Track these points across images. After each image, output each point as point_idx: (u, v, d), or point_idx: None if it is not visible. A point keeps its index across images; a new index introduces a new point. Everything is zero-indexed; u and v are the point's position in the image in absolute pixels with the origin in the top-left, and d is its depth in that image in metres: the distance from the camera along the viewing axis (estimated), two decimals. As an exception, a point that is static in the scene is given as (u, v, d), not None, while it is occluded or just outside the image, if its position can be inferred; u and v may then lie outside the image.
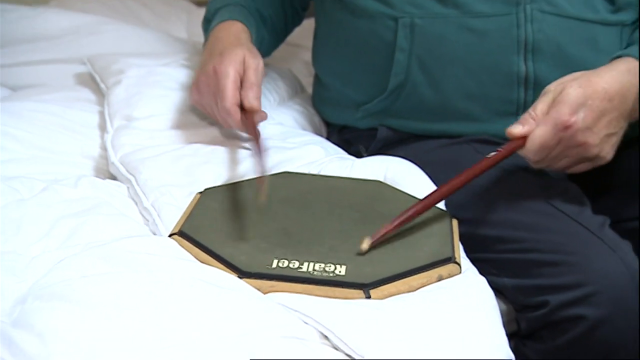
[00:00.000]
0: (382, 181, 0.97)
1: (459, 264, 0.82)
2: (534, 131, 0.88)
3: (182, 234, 0.83)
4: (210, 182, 0.96)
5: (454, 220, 0.90)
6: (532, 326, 0.88)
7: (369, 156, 1.04)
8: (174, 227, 0.86)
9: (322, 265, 0.78)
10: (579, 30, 1.02)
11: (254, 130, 0.96)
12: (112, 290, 0.73)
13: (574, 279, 0.85)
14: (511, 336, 0.81)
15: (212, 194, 0.92)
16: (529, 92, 1.02)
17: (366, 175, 0.98)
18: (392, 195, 0.94)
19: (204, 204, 0.89)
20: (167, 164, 0.99)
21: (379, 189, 0.95)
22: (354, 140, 1.14)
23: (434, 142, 1.06)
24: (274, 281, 0.77)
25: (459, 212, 0.92)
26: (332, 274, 0.77)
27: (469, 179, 0.88)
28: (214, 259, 0.80)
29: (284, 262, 0.79)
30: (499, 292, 0.88)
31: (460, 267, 0.82)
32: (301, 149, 1.04)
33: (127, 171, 1.00)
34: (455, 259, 0.82)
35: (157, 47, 1.37)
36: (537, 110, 0.90)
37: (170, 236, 0.84)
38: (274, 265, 0.78)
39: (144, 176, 0.97)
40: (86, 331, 0.69)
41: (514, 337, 0.91)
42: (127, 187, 0.99)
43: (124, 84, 1.17)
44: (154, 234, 0.89)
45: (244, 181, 0.96)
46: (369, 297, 0.75)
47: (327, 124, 1.23)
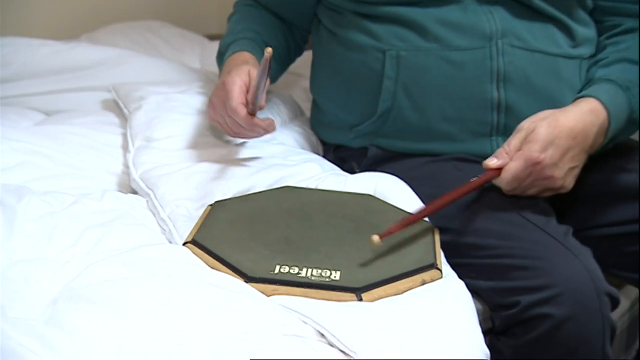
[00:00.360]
0: (373, 195, 0.97)
1: (440, 270, 0.82)
2: (508, 165, 0.91)
3: (195, 242, 0.83)
4: (219, 195, 0.96)
5: (436, 230, 0.90)
6: (505, 323, 0.88)
7: (360, 172, 1.04)
8: (188, 236, 0.86)
9: (319, 270, 0.78)
10: (544, 62, 1.03)
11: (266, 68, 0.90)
12: (132, 292, 0.73)
13: (542, 282, 0.84)
14: (486, 332, 0.81)
15: (221, 207, 0.92)
16: (501, 116, 1.02)
17: (358, 189, 0.98)
18: (382, 207, 0.93)
19: (214, 216, 0.89)
20: (182, 180, 0.99)
21: (369, 202, 0.94)
22: (347, 158, 1.14)
23: (418, 159, 1.05)
24: (276, 285, 0.77)
25: (441, 222, 0.92)
26: (327, 279, 0.77)
27: (453, 199, 0.89)
28: (223, 265, 0.80)
29: (285, 268, 0.78)
30: (476, 293, 0.87)
31: (441, 272, 0.82)
32: (300, 166, 1.04)
33: (147, 186, 1.00)
34: (437, 265, 0.82)
35: (174, 76, 1.37)
36: (511, 146, 0.92)
37: (184, 244, 0.84)
38: (276, 270, 0.78)
39: (161, 191, 0.97)
40: (109, 329, 0.70)
41: (489, 333, 0.91)
42: (147, 201, 0.99)
43: (144, 109, 1.17)
44: (170, 243, 0.89)
45: (249, 195, 0.96)
46: (360, 300, 0.75)
47: (324, 143, 1.22)
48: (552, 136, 0.91)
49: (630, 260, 1.01)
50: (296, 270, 0.78)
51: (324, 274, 0.77)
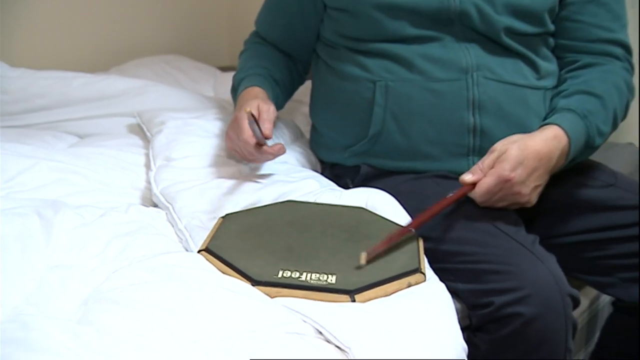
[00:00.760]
0: (365, 208, 0.97)
1: (424, 274, 0.82)
2: (482, 181, 0.92)
3: (208, 250, 0.83)
4: (230, 208, 0.96)
5: (420, 239, 0.90)
6: (481, 321, 0.87)
7: (354, 188, 1.04)
8: (202, 245, 0.85)
9: (317, 275, 0.78)
10: (513, 92, 1.03)
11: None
12: (153, 295, 0.73)
13: (513, 284, 0.84)
14: (464, 329, 0.80)
15: (231, 219, 0.92)
16: (476, 139, 1.03)
17: (352, 203, 0.98)
18: (372, 219, 0.93)
19: (225, 227, 0.89)
20: (197, 195, 0.99)
21: (362, 214, 0.94)
22: (342, 175, 1.13)
23: (404, 176, 1.05)
24: (279, 288, 0.76)
25: (424, 231, 0.92)
26: (325, 282, 0.77)
27: (434, 214, 0.90)
28: (232, 270, 0.80)
29: (287, 272, 0.78)
30: (455, 294, 0.87)
31: (425, 276, 0.82)
32: (301, 182, 1.04)
33: (166, 200, 1.00)
34: (421, 269, 0.82)
35: (190, 103, 1.37)
36: (485, 164, 0.92)
37: (199, 252, 0.84)
38: (280, 275, 0.78)
39: (179, 204, 0.97)
40: (133, 327, 0.69)
41: (467, 329, 0.90)
42: (166, 213, 0.99)
43: (165, 132, 1.17)
44: (187, 250, 0.89)
45: (256, 208, 0.96)
46: (354, 301, 0.75)
47: (321, 162, 1.22)
48: (522, 158, 0.91)
49: (589, 264, 1.02)
50: (297, 274, 0.78)
51: (321, 278, 0.77)
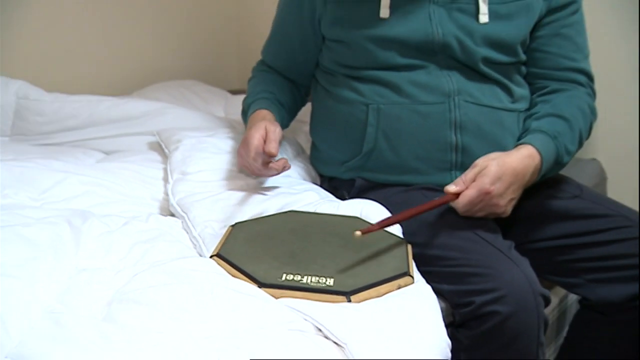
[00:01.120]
0: (359, 217, 0.96)
1: (412, 277, 0.82)
2: (464, 192, 0.91)
3: (219, 255, 0.83)
4: (239, 218, 0.95)
5: (408, 245, 0.89)
6: (463, 318, 0.87)
7: (349, 199, 1.04)
8: (214, 251, 0.85)
9: (317, 278, 0.78)
10: (490, 114, 1.03)
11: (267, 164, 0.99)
12: (170, 296, 0.73)
13: (491, 285, 0.84)
14: (448, 325, 0.80)
15: (240, 227, 0.91)
16: (458, 155, 1.02)
17: (348, 212, 0.97)
18: (366, 227, 0.93)
19: (234, 234, 0.89)
20: (209, 205, 0.99)
21: (357, 223, 0.94)
22: (339, 187, 1.13)
23: (394, 189, 1.05)
24: (283, 290, 0.76)
25: (412, 238, 0.92)
26: (324, 285, 0.76)
27: (421, 211, 0.90)
28: (241, 273, 0.79)
29: (290, 276, 0.78)
30: (440, 294, 0.87)
31: (413, 279, 0.82)
32: (302, 194, 1.04)
33: (182, 210, 0.99)
34: (409, 272, 0.82)
35: (204, 123, 1.37)
36: (467, 177, 0.92)
37: (211, 257, 0.84)
38: (283, 278, 0.78)
39: (193, 214, 0.97)
40: (152, 325, 0.69)
41: (451, 326, 0.90)
42: (182, 222, 0.98)
43: (181, 149, 1.17)
44: (200, 256, 0.89)
45: (262, 217, 0.95)
46: (350, 301, 0.75)
47: (320, 175, 1.22)
48: (500, 173, 0.91)
49: (558, 267, 1.01)
50: (299, 277, 0.78)
51: (320, 281, 0.77)
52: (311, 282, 0.77)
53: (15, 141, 1.36)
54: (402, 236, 0.92)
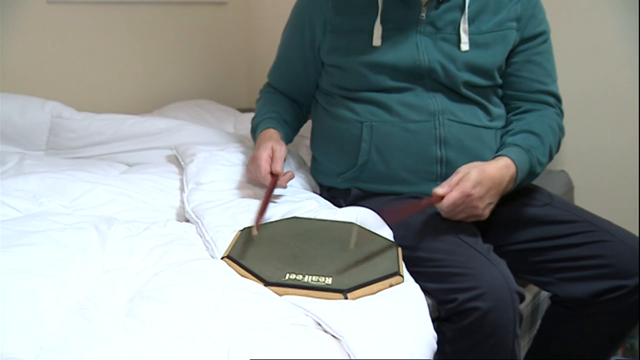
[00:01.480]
0: (355, 223, 0.96)
1: (402, 276, 0.81)
2: (449, 194, 0.91)
3: (229, 257, 0.83)
4: (247, 223, 0.95)
5: (399, 247, 0.89)
6: (447, 313, 0.86)
7: (346, 207, 1.03)
8: (224, 253, 0.85)
9: (317, 277, 0.78)
10: (471, 131, 1.03)
11: (272, 189, 1.00)
12: (186, 293, 0.73)
13: (472, 284, 0.83)
14: (434, 320, 0.80)
15: (248, 232, 0.91)
16: (443, 167, 1.02)
17: (344, 219, 0.97)
18: (361, 232, 0.93)
19: (243, 238, 0.89)
20: (221, 212, 0.98)
21: (352, 228, 0.94)
22: (336, 196, 1.13)
23: (386, 197, 1.05)
24: (286, 288, 0.76)
25: (402, 242, 0.92)
26: (323, 283, 0.76)
27: (410, 209, 0.92)
28: (249, 273, 0.79)
29: (293, 275, 0.78)
30: (427, 292, 0.86)
31: (403, 278, 0.81)
32: (303, 202, 1.04)
33: (196, 217, 0.99)
34: (400, 272, 0.82)
35: (216, 138, 1.37)
36: (452, 181, 0.92)
37: (222, 259, 0.84)
38: (287, 277, 0.78)
39: (206, 220, 0.96)
40: (170, 320, 0.69)
41: (436, 320, 0.90)
42: (196, 227, 0.98)
43: (195, 162, 1.17)
44: (212, 257, 0.88)
45: (268, 223, 0.95)
46: (346, 298, 0.75)
47: (320, 185, 1.22)
48: (480, 179, 0.91)
49: (532, 267, 1.01)
50: (301, 277, 0.78)
51: (320, 280, 0.77)
52: (312, 281, 0.77)
53: (49, 155, 1.36)
54: (393, 240, 0.92)
